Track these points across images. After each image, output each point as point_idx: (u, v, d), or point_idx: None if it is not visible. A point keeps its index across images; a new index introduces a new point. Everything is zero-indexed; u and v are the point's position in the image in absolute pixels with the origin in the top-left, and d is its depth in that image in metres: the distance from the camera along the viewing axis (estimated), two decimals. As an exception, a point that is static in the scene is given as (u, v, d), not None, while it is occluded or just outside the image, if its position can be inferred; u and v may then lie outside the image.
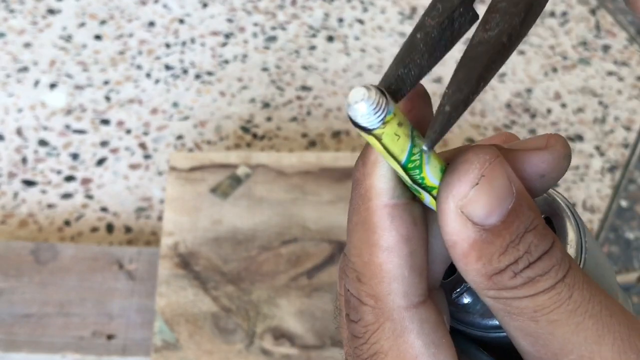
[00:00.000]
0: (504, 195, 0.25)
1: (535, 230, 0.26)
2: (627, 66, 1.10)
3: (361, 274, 0.27)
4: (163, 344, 0.76)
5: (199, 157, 0.89)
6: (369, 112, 0.24)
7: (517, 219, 0.25)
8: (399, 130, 0.24)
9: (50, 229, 0.89)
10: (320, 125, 1.00)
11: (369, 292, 0.26)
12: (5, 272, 0.82)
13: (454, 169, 0.26)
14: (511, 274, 0.25)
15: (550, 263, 0.25)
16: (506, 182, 0.25)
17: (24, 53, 1.04)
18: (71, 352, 0.78)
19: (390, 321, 0.26)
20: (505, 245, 0.25)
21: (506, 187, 0.25)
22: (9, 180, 0.93)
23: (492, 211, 0.25)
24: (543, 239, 0.26)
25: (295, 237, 0.83)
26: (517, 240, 0.25)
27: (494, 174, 0.25)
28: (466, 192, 0.25)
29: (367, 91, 0.24)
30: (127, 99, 1.01)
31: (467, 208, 0.25)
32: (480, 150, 0.26)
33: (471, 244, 0.25)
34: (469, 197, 0.25)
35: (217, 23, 1.09)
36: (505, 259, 0.25)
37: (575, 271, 0.26)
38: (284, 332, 0.77)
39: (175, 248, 0.82)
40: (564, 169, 0.28)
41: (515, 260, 0.25)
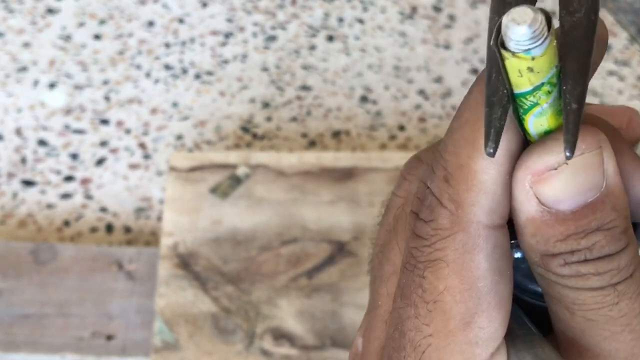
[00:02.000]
0: (585, 189, 0.24)
1: (609, 231, 0.24)
2: (627, 66, 1.10)
3: (451, 175, 0.25)
4: (163, 344, 0.76)
5: (198, 157, 0.89)
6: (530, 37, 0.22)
7: (592, 214, 0.24)
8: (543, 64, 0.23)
9: (50, 229, 0.89)
10: (320, 125, 0.99)
11: (453, 196, 0.25)
12: (4, 273, 0.82)
13: (544, 142, 0.24)
14: (562, 261, 0.24)
15: (609, 266, 0.24)
16: (594, 178, 0.24)
17: (23, 53, 1.04)
18: (70, 353, 0.78)
19: (464, 233, 0.25)
20: (567, 234, 0.24)
21: (592, 182, 0.24)
22: (8, 180, 0.93)
23: (565, 200, 0.24)
24: (613, 242, 0.24)
25: (295, 237, 0.83)
26: (582, 234, 0.24)
27: (583, 165, 0.24)
28: (540, 171, 0.24)
29: (534, 14, 0.22)
30: (126, 99, 1.00)
31: (537, 187, 0.24)
32: (587, 133, 0.24)
33: (529, 219, 0.24)
34: (544, 178, 0.24)
35: (217, 23, 1.09)
36: (562, 247, 0.24)
37: (635, 281, 0.24)
38: (284, 333, 0.77)
39: (175, 248, 0.81)
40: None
41: (572, 251, 0.24)
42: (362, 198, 0.85)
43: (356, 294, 0.79)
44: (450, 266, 0.25)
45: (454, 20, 1.12)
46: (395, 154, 0.91)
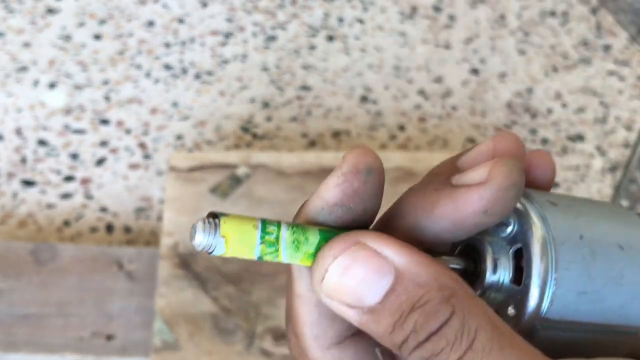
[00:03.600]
0: (373, 277, 0.25)
1: (423, 308, 0.25)
2: (627, 66, 1.10)
3: (288, 314, 0.29)
4: (163, 344, 0.76)
5: (198, 157, 0.89)
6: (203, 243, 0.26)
7: (398, 298, 0.25)
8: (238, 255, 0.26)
9: (50, 229, 0.89)
10: (320, 125, 0.99)
11: (292, 329, 0.28)
12: (5, 273, 0.82)
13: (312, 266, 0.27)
14: (407, 351, 0.25)
15: (439, 344, 0.25)
16: (373, 264, 0.25)
17: (23, 53, 1.04)
18: (70, 353, 0.78)
19: (306, 358, 0.28)
20: (391, 324, 0.25)
21: (374, 268, 0.25)
22: (8, 180, 0.93)
23: (363, 295, 0.25)
24: (431, 318, 0.25)
25: (295, 237, 0.83)
26: (401, 319, 0.25)
27: (346, 264, 0.26)
28: (318, 285, 0.26)
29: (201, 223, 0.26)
30: (126, 98, 1.00)
31: (332, 294, 0.26)
32: (331, 245, 0.26)
33: (359, 324, 0.26)
34: (328, 289, 0.26)
35: (217, 23, 1.09)
36: (396, 337, 0.25)
37: (475, 353, 0.25)
38: (284, 333, 0.77)
39: (175, 248, 0.81)
40: (509, 199, 0.27)
41: (405, 339, 0.25)
42: (362, 198, 0.85)
43: (356, 294, 0.79)
44: None
45: (454, 20, 1.12)
46: (395, 154, 0.91)
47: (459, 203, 0.27)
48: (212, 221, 0.26)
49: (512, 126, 1.01)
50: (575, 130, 1.02)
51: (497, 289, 0.28)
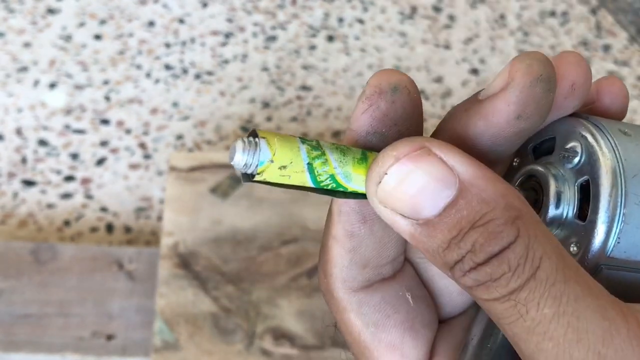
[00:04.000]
0: (434, 187, 0.23)
1: (484, 227, 0.23)
2: (627, 66, 1.10)
3: (321, 250, 0.28)
4: (163, 344, 0.76)
5: (198, 157, 0.89)
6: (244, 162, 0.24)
7: (458, 213, 0.23)
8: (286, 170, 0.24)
9: (50, 229, 0.89)
10: (321, 125, 1.00)
11: (322, 267, 0.28)
12: (5, 272, 0.82)
13: (370, 166, 0.25)
14: (460, 272, 0.23)
15: (499, 269, 0.23)
16: (436, 172, 0.23)
17: (23, 53, 1.04)
18: (71, 353, 0.78)
19: (334, 298, 0.28)
20: (447, 241, 0.23)
21: (437, 178, 0.23)
22: (9, 180, 0.93)
23: (420, 205, 0.23)
24: (493, 238, 0.23)
25: (296, 237, 0.83)
26: (459, 236, 0.23)
27: (407, 168, 0.23)
28: (374, 190, 0.24)
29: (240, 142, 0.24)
30: (126, 98, 1.00)
31: (388, 203, 0.24)
32: (394, 146, 0.24)
33: (410, 237, 0.24)
34: (384, 194, 0.24)
35: (217, 23, 1.09)
36: (450, 255, 0.23)
37: (538, 282, 0.23)
38: (284, 333, 0.77)
39: (175, 248, 0.81)
40: (539, 95, 0.24)
41: (461, 258, 0.23)
42: (362, 198, 0.85)
43: (356, 294, 0.79)
44: (340, 326, 0.28)
45: (454, 20, 1.12)
46: (395, 154, 0.91)
47: (488, 116, 0.25)
48: (252, 139, 0.24)
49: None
50: (575, 130, 1.02)
51: (560, 224, 0.26)
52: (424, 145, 0.24)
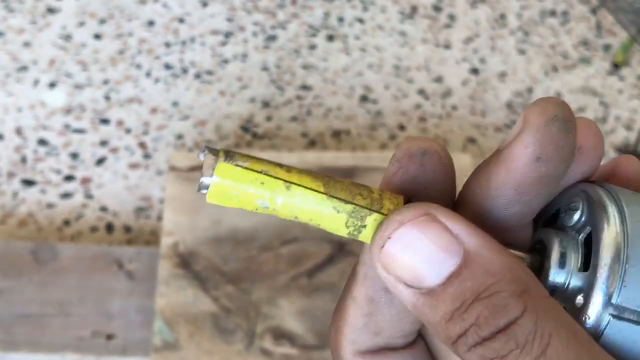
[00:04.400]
0: (437, 255, 0.23)
1: (489, 299, 0.22)
2: (627, 66, 1.10)
3: (338, 307, 0.27)
4: (163, 344, 0.76)
5: (198, 157, 0.89)
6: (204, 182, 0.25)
7: (461, 283, 0.22)
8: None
9: (50, 228, 0.89)
10: (321, 124, 0.99)
11: (334, 322, 0.27)
12: (5, 272, 0.82)
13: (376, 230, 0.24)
14: (464, 347, 0.22)
15: (507, 346, 0.22)
16: (440, 240, 0.23)
17: (23, 52, 1.04)
18: (71, 352, 0.78)
19: (339, 357, 0.27)
20: (450, 312, 0.22)
21: (441, 246, 0.23)
22: (9, 180, 0.93)
23: (423, 273, 0.23)
24: (499, 312, 0.22)
25: (296, 237, 0.83)
26: (462, 308, 0.22)
27: (411, 234, 0.23)
28: (377, 254, 0.23)
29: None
30: (126, 98, 1.00)
31: (390, 269, 0.23)
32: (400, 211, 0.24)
33: (413, 307, 0.23)
34: (387, 259, 0.23)
35: (217, 22, 1.09)
36: (453, 328, 0.22)
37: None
38: (284, 332, 0.77)
39: (175, 248, 0.81)
40: (556, 135, 0.24)
41: (464, 332, 0.22)
42: (362, 198, 0.85)
43: (356, 294, 0.79)
44: None
45: (454, 20, 1.12)
46: (395, 154, 0.91)
47: (507, 163, 0.24)
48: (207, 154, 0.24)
49: (512, 126, 1.01)
50: (575, 130, 1.02)
51: (566, 281, 0.25)
52: (429, 211, 0.23)
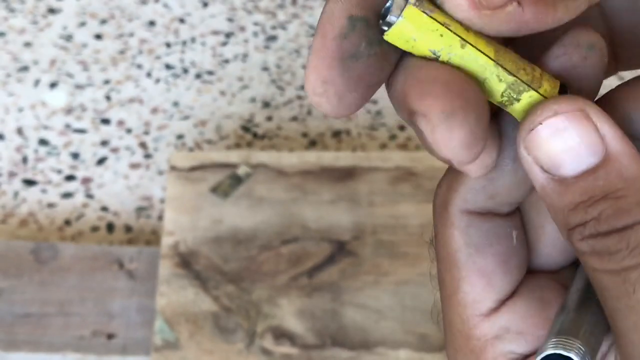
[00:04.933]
0: (580, 151, 0.24)
1: (616, 201, 0.23)
2: (627, 66, 1.10)
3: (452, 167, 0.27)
4: (163, 343, 0.76)
5: (199, 157, 0.89)
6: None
7: (595, 180, 0.24)
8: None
9: (51, 228, 0.89)
10: (321, 124, 1.00)
11: (447, 179, 0.28)
12: (5, 272, 0.82)
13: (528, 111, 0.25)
14: (579, 235, 0.24)
15: (618, 244, 0.23)
16: (585, 138, 0.24)
17: (24, 52, 1.04)
18: (71, 352, 0.78)
19: (445, 211, 0.28)
20: (575, 202, 0.24)
21: (586, 143, 0.24)
22: (9, 179, 0.93)
23: (562, 163, 0.24)
24: (621, 214, 0.23)
25: (296, 236, 0.83)
26: (589, 202, 0.24)
27: (562, 125, 0.24)
28: (524, 135, 0.24)
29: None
30: (127, 98, 1.00)
31: (532, 151, 0.24)
32: (557, 99, 0.24)
33: (541, 189, 0.24)
34: (532, 139, 0.24)
35: (218, 22, 1.09)
36: (574, 217, 0.24)
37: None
38: (285, 332, 0.77)
39: (175, 247, 0.82)
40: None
41: (584, 222, 0.24)
42: (363, 197, 0.85)
43: (356, 293, 0.79)
44: (440, 239, 0.28)
45: (455, 20, 1.13)
46: (395, 154, 0.91)
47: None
48: None
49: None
50: (575, 130, 1.02)
51: None
52: (584, 108, 0.24)
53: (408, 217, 0.83)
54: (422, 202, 0.84)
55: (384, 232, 0.83)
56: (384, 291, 0.79)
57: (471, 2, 0.23)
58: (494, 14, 0.23)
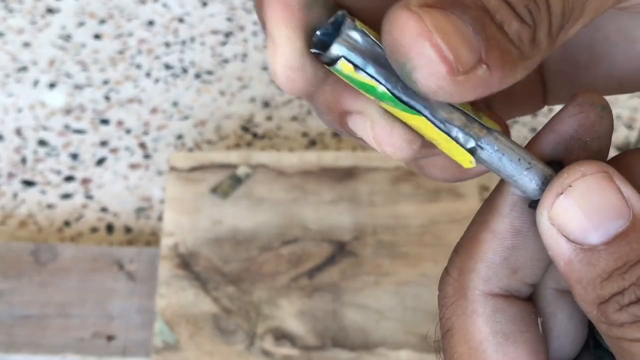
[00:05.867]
0: (608, 214, 0.23)
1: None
2: (628, 64, 1.09)
3: (460, 245, 0.26)
4: (163, 345, 0.76)
5: (199, 157, 0.89)
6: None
7: (627, 245, 0.23)
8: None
9: (50, 229, 0.89)
10: (321, 124, 0.99)
11: (457, 264, 0.26)
12: (5, 273, 0.82)
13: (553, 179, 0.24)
14: (616, 305, 0.23)
15: None
16: (612, 202, 0.23)
17: (23, 53, 1.04)
18: (71, 353, 0.78)
19: (464, 299, 0.26)
20: (609, 271, 0.23)
21: (611, 208, 0.23)
22: (9, 180, 0.93)
23: (590, 229, 0.23)
24: None
25: (296, 237, 0.83)
26: (624, 267, 0.23)
27: (590, 188, 0.23)
28: (551, 202, 0.23)
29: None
30: (126, 98, 1.00)
31: (556, 220, 0.23)
32: (581, 163, 0.24)
33: (567, 262, 0.23)
34: (557, 209, 0.23)
35: (217, 22, 1.09)
36: (609, 287, 0.23)
37: None
38: (285, 333, 0.77)
39: (175, 248, 0.81)
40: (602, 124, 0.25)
41: (621, 291, 0.23)
42: (363, 198, 0.85)
43: (357, 294, 0.79)
44: (457, 333, 0.26)
45: (455, 18, 1.12)
46: (395, 153, 0.90)
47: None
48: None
49: (513, 125, 1.01)
50: (576, 128, 1.02)
51: None
52: (607, 170, 0.24)
53: (408, 217, 0.83)
54: (423, 202, 0.84)
55: (384, 232, 0.82)
56: (384, 292, 0.79)
57: (449, 69, 0.21)
58: (466, 80, 0.22)
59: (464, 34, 0.21)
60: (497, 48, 0.22)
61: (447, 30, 0.21)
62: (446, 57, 0.21)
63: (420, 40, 0.21)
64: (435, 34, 0.21)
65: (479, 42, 0.22)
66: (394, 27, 0.21)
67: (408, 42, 0.21)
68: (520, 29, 0.22)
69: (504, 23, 0.22)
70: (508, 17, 0.22)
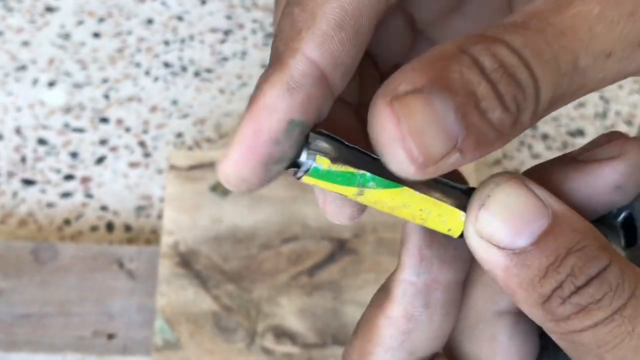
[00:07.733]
0: (529, 216, 0.24)
1: (581, 251, 0.24)
2: (628, 61, 1.09)
3: (360, 328, 0.28)
4: (164, 343, 0.76)
5: (198, 156, 0.89)
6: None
7: (554, 240, 0.24)
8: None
9: (50, 228, 0.89)
10: (320, 122, 0.99)
11: (357, 347, 0.27)
12: (5, 272, 0.82)
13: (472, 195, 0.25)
14: (559, 300, 0.24)
15: (601, 289, 0.23)
16: (530, 202, 0.24)
17: (22, 52, 1.04)
18: (71, 352, 0.78)
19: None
20: (544, 268, 0.24)
21: (531, 207, 0.24)
22: (8, 179, 0.93)
23: (516, 233, 0.24)
24: (591, 261, 0.24)
25: (296, 235, 0.83)
26: (556, 262, 0.24)
27: (507, 194, 0.24)
28: (475, 214, 0.25)
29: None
30: (126, 97, 1.00)
31: (484, 232, 0.24)
32: (494, 175, 0.25)
33: (503, 270, 0.24)
34: (482, 220, 0.24)
35: (216, 20, 1.09)
36: (548, 284, 0.24)
37: (638, 300, 0.23)
38: (285, 331, 0.77)
39: (175, 247, 0.81)
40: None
41: (560, 284, 0.24)
42: (363, 195, 0.85)
43: (357, 292, 0.79)
44: None
45: (454, 16, 1.12)
46: (395, 151, 0.90)
47: (589, 178, 0.26)
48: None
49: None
50: (575, 125, 1.02)
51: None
52: (518, 177, 0.25)
53: (408, 215, 0.83)
54: (423, 199, 0.84)
55: (384, 229, 0.82)
56: (384, 289, 0.79)
57: (418, 166, 0.23)
58: (436, 168, 0.23)
59: (443, 125, 0.22)
60: (475, 135, 0.22)
61: (423, 127, 0.22)
62: (416, 159, 0.22)
63: (393, 143, 0.22)
64: (408, 138, 0.22)
65: (457, 130, 0.22)
66: (373, 124, 0.23)
67: (383, 142, 0.22)
68: (502, 117, 0.23)
69: (487, 110, 0.22)
70: (493, 105, 0.22)
